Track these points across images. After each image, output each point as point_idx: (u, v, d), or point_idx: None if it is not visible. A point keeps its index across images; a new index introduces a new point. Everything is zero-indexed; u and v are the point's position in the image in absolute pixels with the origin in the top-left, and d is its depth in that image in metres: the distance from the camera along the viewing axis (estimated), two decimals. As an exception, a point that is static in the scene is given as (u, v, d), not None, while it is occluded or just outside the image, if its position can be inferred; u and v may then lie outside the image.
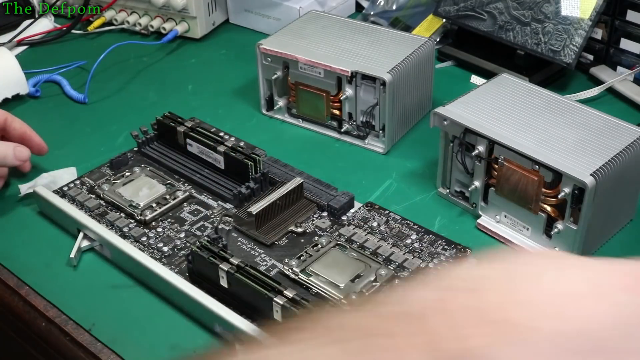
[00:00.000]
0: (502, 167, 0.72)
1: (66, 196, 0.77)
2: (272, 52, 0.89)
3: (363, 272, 0.67)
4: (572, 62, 0.91)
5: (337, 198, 0.75)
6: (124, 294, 0.70)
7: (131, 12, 1.12)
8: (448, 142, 0.77)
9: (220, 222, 0.74)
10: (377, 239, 0.72)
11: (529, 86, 0.79)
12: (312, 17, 0.95)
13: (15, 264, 0.73)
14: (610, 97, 0.95)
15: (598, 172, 0.66)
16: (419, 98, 0.90)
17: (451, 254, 0.70)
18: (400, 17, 1.10)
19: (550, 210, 0.70)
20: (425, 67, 0.89)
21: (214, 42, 1.12)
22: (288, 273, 0.68)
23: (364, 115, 0.87)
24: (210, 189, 0.78)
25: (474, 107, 0.75)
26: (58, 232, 0.77)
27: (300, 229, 0.73)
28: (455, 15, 1.01)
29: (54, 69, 1.03)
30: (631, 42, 0.94)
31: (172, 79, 1.03)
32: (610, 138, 0.70)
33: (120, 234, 0.73)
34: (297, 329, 0.35)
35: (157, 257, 0.70)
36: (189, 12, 1.08)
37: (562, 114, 0.74)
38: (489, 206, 0.76)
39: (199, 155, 0.80)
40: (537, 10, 0.94)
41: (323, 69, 0.86)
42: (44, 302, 0.70)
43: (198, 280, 0.67)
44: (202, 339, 0.65)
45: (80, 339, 0.66)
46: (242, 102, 0.97)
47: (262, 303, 0.62)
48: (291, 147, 0.88)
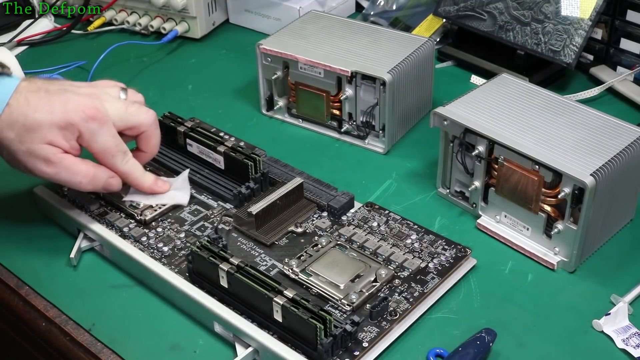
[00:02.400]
0: (502, 167, 0.72)
1: (66, 196, 0.77)
2: (272, 52, 0.89)
3: (363, 272, 0.67)
4: (572, 62, 0.91)
5: (337, 198, 0.75)
6: (124, 294, 0.70)
7: (131, 12, 1.12)
8: (448, 142, 0.77)
9: (220, 222, 0.74)
10: (377, 239, 0.72)
11: (529, 86, 0.79)
12: (312, 17, 0.95)
13: (15, 264, 0.73)
14: (610, 97, 0.95)
15: (598, 172, 0.66)
16: (419, 98, 0.90)
17: (451, 254, 0.70)
18: (400, 17, 1.10)
19: (550, 210, 0.70)
20: (425, 67, 0.89)
21: (214, 42, 1.12)
22: (288, 273, 0.68)
23: (364, 115, 0.87)
24: (210, 189, 0.78)
25: (474, 107, 0.75)
26: (58, 232, 0.77)
27: (300, 229, 0.73)
28: (455, 15, 1.01)
29: (54, 69, 1.03)
30: (631, 42, 0.94)
31: (172, 79, 1.03)
32: (610, 138, 0.70)
33: (120, 234, 0.73)
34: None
35: (157, 257, 0.70)
36: (189, 12, 1.08)
37: (562, 114, 0.74)
38: (489, 206, 0.76)
39: (199, 155, 0.80)
40: (537, 10, 0.94)
41: (323, 69, 0.86)
42: (44, 302, 0.70)
43: (198, 280, 0.67)
44: (202, 339, 0.65)
45: (80, 339, 0.66)
46: (242, 102, 0.97)
47: (262, 303, 0.62)
48: (291, 147, 0.88)
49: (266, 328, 0.63)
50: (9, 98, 0.67)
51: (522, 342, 0.64)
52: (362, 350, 0.61)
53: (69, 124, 0.68)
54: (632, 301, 0.67)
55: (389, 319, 0.64)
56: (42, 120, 0.67)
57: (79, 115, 0.68)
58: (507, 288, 0.69)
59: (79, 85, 0.72)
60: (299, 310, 0.60)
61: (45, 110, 0.67)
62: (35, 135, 0.67)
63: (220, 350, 0.64)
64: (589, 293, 0.69)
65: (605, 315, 0.65)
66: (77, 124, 0.68)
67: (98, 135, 0.69)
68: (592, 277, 0.70)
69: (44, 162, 0.68)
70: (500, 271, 0.71)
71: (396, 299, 0.66)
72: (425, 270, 0.68)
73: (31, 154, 0.68)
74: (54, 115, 0.67)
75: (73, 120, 0.67)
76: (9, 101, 0.67)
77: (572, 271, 0.71)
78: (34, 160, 0.68)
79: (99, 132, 0.69)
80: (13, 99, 0.67)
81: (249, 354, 0.62)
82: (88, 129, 0.68)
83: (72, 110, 0.68)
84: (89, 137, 0.69)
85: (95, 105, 0.69)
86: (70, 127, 0.68)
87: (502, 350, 0.63)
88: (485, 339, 0.62)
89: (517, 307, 0.68)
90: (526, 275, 0.71)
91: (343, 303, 0.65)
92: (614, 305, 0.66)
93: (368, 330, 0.63)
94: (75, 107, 0.68)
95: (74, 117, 0.68)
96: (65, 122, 0.67)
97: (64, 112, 0.67)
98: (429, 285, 0.67)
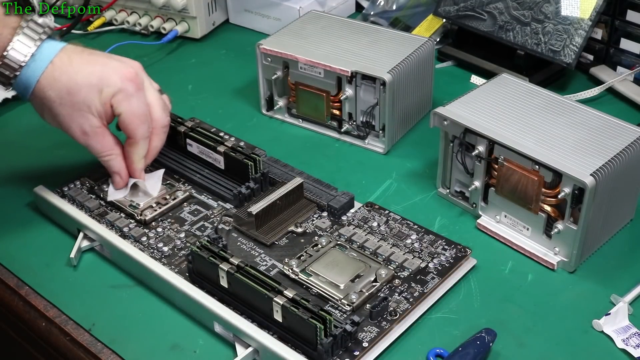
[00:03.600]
0: (502, 167, 0.72)
1: (66, 196, 0.77)
2: (272, 52, 0.89)
3: (363, 272, 0.67)
4: (572, 62, 0.91)
5: (337, 198, 0.75)
6: (124, 294, 0.70)
7: (131, 12, 1.12)
8: (448, 142, 0.77)
9: (220, 222, 0.74)
10: (377, 239, 0.72)
11: (529, 86, 0.79)
12: (312, 17, 0.95)
13: (15, 264, 0.73)
14: (610, 97, 0.95)
15: (598, 172, 0.66)
16: (419, 98, 0.90)
17: (451, 254, 0.70)
18: (400, 17, 1.10)
19: (550, 210, 0.70)
20: (425, 67, 0.89)
21: (214, 42, 1.12)
22: (288, 273, 0.68)
23: (364, 115, 0.87)
24: (210, 189, 0.78)
25: (474, 107, 0.75)
26: (58, 232, 0.77)
27: (300, 229, 0.73)
28: (455, 15, 1.01)
29: (54, 69, 1.03)
30: (631, 42, 0.94)
31: (172, 79, 1.03)
32: (610, 138, 0.70)
33: (120, 234, 0.73)
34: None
35: (157, 257, 0.70)
36: (189, 12, 1.08)
37: (562, 114, 0.74)
38: (489, 206, 0.76)
39: (199, 155, 0.80)
40: (537, 10, 0.94)
41: (323, 69, 0.86)
42: (44, 302, 0.70)
43: (198, 280, 0.67)
44: (202, 339, 0.65)
45: (80, 339, 0.66)
46: (242, 102, 0.97)
47: (262, 303, 0.62)
48: (291, 147, 0.88)
49: (266, 328, 0.63)
50: (54, 56, 0.69)
51: (522, 342, 0.64)
52: (362, 350, 0.61)
53: (107, 83, 0.70)
54: (632, 301, 0.67)
55: (389, 319, 0.64)
56: (81, 82, 0.69)
57: (118, 75, 0.71)
58: (507, 288, 0.69)
59: (124, 59, 0.74)
60: (299, 310, 0.60)
61: (87, 72, 0.70)
62: (75, 98, 0.70)
63: (220, 350, 0.64)
64: (589, 293, 0.69)
65: (605, 315, 0.65)
66: (114, 83, 0.70)
67: (132, 97, 0.71)
68: (592, 277, 0.70)
69: (80, 131, 0.72)
70: (500, 271, 0.71)
71: (396, 299, 0.66)
72: (425, 270, 0.68)
73: (70, 120, 0.71)
74: (93, 75, 0.70)
75: (111, 80, 0.70)
76: (53, 59, 0.69)
77: (572, 271, 0.71)
78: (70, 125, 0.71)
79: (134, 95, 0.71)
80: (57, 57, 0.69)
81: (249, 354, 0.62)
82: (124, 89, 0.71)
83: (112, 71, 0.71)
84: (122, 98, 0.71)
85: (135, 71, 0.72)
86: (107, 86, 0.70)
87: (502, 350, 0.63)
88: (485, 339, 0.62)
89: (517, 307, 0.68)
90: (526, 275, 0.71)
91: (343, 303, 0.65)
92: (614, 305, 0.66)
93: (368, 330, 0.63)
94: (115, 69, 0.71)
95: (112, 76, 0.70)
96: (103, 81, 0.70)
97: (103, 71, 0.70)
98: (429, 285, 0.67)
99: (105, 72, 0.70)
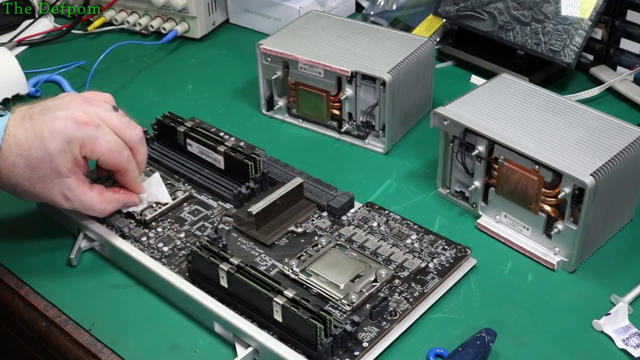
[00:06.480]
0: (502, 167, 0.72)
1: (66, 196, 0.77)
2: (272, 52, 0.89)
3: (363, 272, 0.67)
4: (572, 62, 0.91)
5: (337, 198, 0.75)
6: (124, 294, 0.70)
7: (131, 12, 1.12)
8: (448, 142, 0.77)
9: (220, 222, 0.74)
10: (377, 239, 0.72)
11: (529, 86, 0.79)
12: (312, 17, 0.95)
13: (15, 264, 0.73)
14: (610, 97, 0.95)
15: (598, 172, 0.66)
16: (419, 98, 0.90)
17: (451, 254, 0.70)
18: (400, 17, 1.10)
19: (550, 210, 0.70)
20: (425, 67, 0.89)
21: (214, 42, 1.12)
22: (288, 273, 0.68)
23: (364, 115, 0.87)
24: (210, 189, 0.78)
25: (474, 107, 0.75)
26: (58, 232, 0.77)
27: (300, 229, 0.73)
28: (455, 15, 1.01)
29: (54, 69, 1.03)
30: (631, 42, 0.94)
31: (172, 79, 1.03)
32: (610, 138, 0.70)
33: (120, 234, 0.73)
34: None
35: (157, 257, 0.70)
36: (189, 12, 1.08)
37: (562, 114, 0.74)
38: (489, 206, 0.76)
39: (199, 155, 0.80)
40: (537, 10, 0.94)
41: (323, 69, 0.86)
42: (44, 302, 0.70)
43: (198, 280, 0.67)
44: (202, 339, 0.65)
45: (80, 339, 0.66)
46: (242, 102, 0.97)
47: (262, 303, 0.62)
48: (291, 147, 0.88)
49: (266, 328, 0.63)
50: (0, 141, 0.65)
51: (522, 342, 0.64)
52: (362, 350, 0.61)
53: (66, 141, 0.66)
54: (632, 301, 0.67)
55: (389, 319, 0.64)
56: (39, 155, 0.66)
57: (71, 127, 0.66)
58: (507, 288, 0.69)
59: (63, 97, 0.70)
60: (299, 310, 0.60)
61: (38, 142, 0.65)
62: (40, 173, 0.66)
63: (220, 350, 0.64)
64: (589, 293, 0.69)
65: (605, 315, 0.65)
66: (72, 135, 0.66)
67: (98, 138, 0.68)
68: (592, 277, 0.70)
69: (63, 199, 0.69)
70: (500, 271, 0.71)
71: (396, 299, 0.66)
72: (425, 270, 0.68)
73: (49, 194, 0.68)
74: (46, 141, 0.65)
75: (68, 134, 0.66)
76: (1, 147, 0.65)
77: (572, 271, 0.71)
78: (52, 199, 0.69)
79: (98, 134, 0.68)
80: (3, 143, 0.65)
81: (249, 354, 0.62)
82: (86, 135, 0.67)
83: (62, 127, 0.66)
84: (90, 143, 0.67)
85: (83, 111, 0.67)
86: (69, 142, 0.66)
87: (502, 350, 0.63)
88: (485, 339, 0.62)
89: (517, 307, 0.68)
90: (526, 275, 0.71)
91: (343, 303, 0.65)
92: (614, 305, 0.66)
93: (368, 330, 0.63)
94: (64, 122, 0.66)
95: (67, 130, 0.66)
96: (62, 142, 0.66)
97: (55, 132, 0.66)
98: (429, 285, 0.67)
99: (57, 131, 0.66)
